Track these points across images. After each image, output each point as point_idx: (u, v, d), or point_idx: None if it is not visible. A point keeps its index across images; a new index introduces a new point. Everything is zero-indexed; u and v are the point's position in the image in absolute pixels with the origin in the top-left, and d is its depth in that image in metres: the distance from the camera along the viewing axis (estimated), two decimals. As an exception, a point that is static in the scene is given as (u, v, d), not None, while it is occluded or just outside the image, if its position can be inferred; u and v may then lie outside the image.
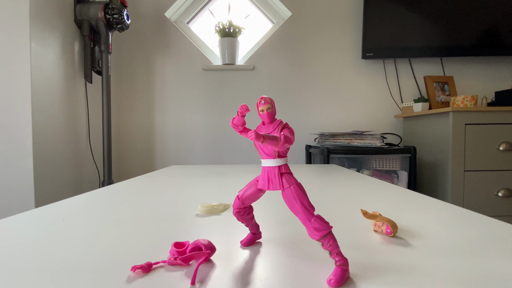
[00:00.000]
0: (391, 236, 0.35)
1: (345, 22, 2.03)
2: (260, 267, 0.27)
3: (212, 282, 0.24)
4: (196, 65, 2.05)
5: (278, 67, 2.05)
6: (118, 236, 0.36)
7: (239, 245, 0.32)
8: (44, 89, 1.39)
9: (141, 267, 0.25)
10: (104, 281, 0.24)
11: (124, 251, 0.31)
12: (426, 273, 0.25)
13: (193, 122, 2.07)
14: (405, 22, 1.88)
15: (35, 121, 1.32)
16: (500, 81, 2.00)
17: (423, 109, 1.75)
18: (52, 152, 1.43)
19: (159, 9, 2.03)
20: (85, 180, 1.71)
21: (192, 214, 0.46)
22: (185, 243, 0.30)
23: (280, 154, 0.26)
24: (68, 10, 1.57)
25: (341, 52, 2.04)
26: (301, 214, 0.24)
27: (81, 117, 1.68)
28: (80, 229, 0.38)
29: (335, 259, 0.24)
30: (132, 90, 2.07)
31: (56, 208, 0.50)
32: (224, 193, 0.63)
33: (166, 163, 2.07)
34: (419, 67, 2.02)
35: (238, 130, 0.28)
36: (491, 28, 1.85)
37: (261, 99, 0.26)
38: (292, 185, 0.25)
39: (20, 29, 1.28)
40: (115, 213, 0.46)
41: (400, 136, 2.00)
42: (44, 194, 1.38)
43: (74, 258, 0.29)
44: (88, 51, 1.66)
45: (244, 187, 0.29)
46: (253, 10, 2.16)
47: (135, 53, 2.05)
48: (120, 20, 1.62)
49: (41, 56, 1.36)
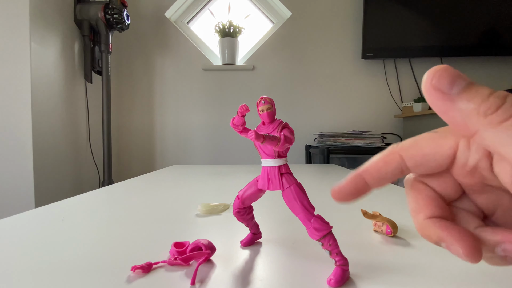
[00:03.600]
0: (391, 236, 0.35)
1: (345, 22, 2.03)
2: (260, 267, 0.27)
3: (212, 282, 0.24)
4: (196, 65, 2.05)
5: (278, 67, 2.05)
6: (118, 236, 0.36)
7: (239, 245, 0.32)
8: (44, 89, 1.39)
9: (141, 267, 0.25)
10: (104, 281, 0.24)
11: (124, 251, 0.31)
12: (426, 273, 0.25)
13: (193, 122, 2.07)
14: (405, 22, 1.88)
15: (35, 121, 1.32)
16: (500, 81, 2.00)
17: (423, 109, 1.75)
18: (52, 152, 1.43)
19: (159, 9, 2.03)
20: (85, 180, 1.71)
21: (192, 214, 0.46)
22: (185, 243, 0.30)
23: (280, 154, 0.26)
24: (68, 10, 1.57)
25: (341, 52, 2.04)
26: (301, 214, 0.24)
27: (81, 117, 1.68)
28: (80, 229, 0.38)
29: (335, 259, 0.24)
30: (132, 90, 2.07)
31: (56, 208, 0.50)
32: (224, 193, 0.63)
33: (166, 163, 2.07)
34: (419, 67, 2.02)
35: (238, 130, 0.28)
36: (491, 28, 1.85)
37: (261, 99, 0.26)
38: (292, 185, 0.25)
39: (20, 29, 1.28)
40: (115, 213, 0.46)
41: (400, 136, 2.00)
42: (44, 194, 1.38)
43: (74, 258, 0.29)
44: (88, 51, 1.66)
45: (244, 187, 0.29)
46: (253, 10, 2.16)
47: (135, 53, 2.05)
48: (120, 20, 1.62)
49: (41, 56, 1.36)
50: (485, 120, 0.13)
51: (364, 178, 0.17)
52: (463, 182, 0.17)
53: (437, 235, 0.15)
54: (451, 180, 0.17)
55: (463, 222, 0.17)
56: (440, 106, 0.14)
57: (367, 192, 0.17)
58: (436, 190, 0.17)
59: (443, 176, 0.17)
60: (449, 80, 0.14)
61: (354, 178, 0.17)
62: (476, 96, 0.13)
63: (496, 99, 0.13)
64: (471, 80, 0.14)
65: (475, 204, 0.17)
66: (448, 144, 0.15)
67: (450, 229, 0.15)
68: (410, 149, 0.16)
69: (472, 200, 0.17)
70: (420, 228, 0.16)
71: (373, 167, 0.17)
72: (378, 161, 0.17)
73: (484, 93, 0.13)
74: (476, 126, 0.13)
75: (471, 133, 0.14)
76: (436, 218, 0.16)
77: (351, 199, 0.17)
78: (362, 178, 0.17)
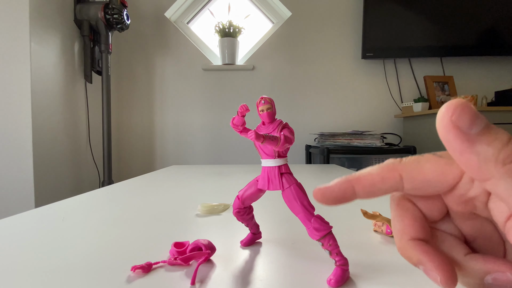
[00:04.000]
0: (391, 236, 0.35)
1: (345, 22, 2.03)
2: (260, 267, 0.27)
3: (212, 282, 0.24)
4: (196, 65, 2.05)
5: (278, 67, 2.05)
6: (118, 236, 0.36)
7: (239, 245, 0.32)
8: (44, 89, 1.38)
9: (141, 267, 0.25)
10: (104, 281, 0.24)
11: (124, 251, 0.31)
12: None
13: (193, 122, 2.07)
14: (405, 22, 1.88)
15: (35, 121, 1.32)
16: (500, 81, 2.00)
17: (423, 109, 1.75)
18: (52, 152, 1.43)
19: (159, 9, 2.03)
20: (85, 180, 1.71)
21: (192, 214, 0.46)
22: (185, 243, 0.30)
23: (280, 154, 0.26)
24: (68, 10, 1.57)
25: (341, 52, 2.04)
26: (301, 214, 0.24)
27: (81, 117, 1.68)
28: (80, 229, 0.38)
29: (335, 259, 0.24)
30: (132, 90, 2.07)
31: (56, 208, 0.50)
32: (224, 193, 0.63)
33: (166, 163, 2.07)
34: (419, 67, 2.02)
35: (238, 130, 0.28)
36: (491, 28, 1.85)
37: (261, 99, 0.26)
38: (292, 185, 0.25)
39: (20, 29, 1.28)
40: (115, 213, 0.46)
41: (400, 136, 2.00)
42: (44, 194, 1.38)
43: (74, 258, 0.29)
44: (88, 51, 1.66)
45: (244, 187, 0.29)
46: (253, 10, 2.16)
47: (135, 53, 2.05)
48: (120, 20, 1.62)
49: (41, 56, 1.36)
50: (502, 169, 0.12)
51: (354, 187, 0.16)
52: (453, 208, 0.16)
53: (418, 258, 0.15)
54: (440, 203, 0.17)
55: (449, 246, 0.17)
56: (457, 146, 0.13)
57: (350, 201, 0.16)
58: (422, 211, 0.17)
59: (433, 199, 0.17)
60: (470, 119, 0.13)
61: (343, 184, 0.16)
62: (496, 141, 0.12)
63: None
64: (487, 121, 0.13)
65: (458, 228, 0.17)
66: (453, 173, 0.15)
67: (431, 255, 0.15)
68: (412, 172, 0.16)
69: (456, 225, 0.17)
70: (401, 248, 0.16)
71: (367, 180, 0.16)
72: (375, 175, 0.16)
73: (503, 139, 0.13)
74: (492, 173, 0.12)
75: (485, 178, 0.13)
76: (418, 241, 0.16)
77: (332, 203, 0.17)
78: (352, 186, 0.16)
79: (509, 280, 0.14)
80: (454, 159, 0.14)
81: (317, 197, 0.17)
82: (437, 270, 0.15)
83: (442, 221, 0.17)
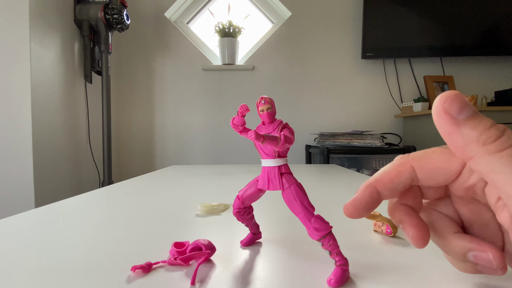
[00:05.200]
0: (391, 236, 0.35)
1: (345, 22, 2.03)
2: (260, 267, 0.27)
3: (212, 282, 0.24)
4: (196, 65, 2.05)
5: (278, 67, 2.05)
6: (118, 236, 0.35)
7: (239, 245, 0.32)
8: (44, 89, 1.38)
9: (141, 267, 0.25)
10: (104, 281, 0.24)
11: (124, 251, 0.31)
12: (426, 273, 0.25)
13: (193, 122, 2.07)
14: (405, 22, 1.88)
15: (35, 121, 1.32)
16: (500, 81, 2.00)
17: (423, 109, 1.75)
18: (52, 152, 1.43)
19: (159, 9, 2.03)
20: (85, 180, 1.71)
21: (192, 214, 0.46)
22: (185, 243, 0.30)
23: (280, 154, 0.26)
24: (68, 10, 1.57)
25: (341, 52, 2.04)
26: (301, 214, 0.24)
27: (81, 117, 1.68)
28: (80, 229, 0.38)
29: (335, 259, 0.24)
30: (132, 90, 2.07)
31: (56, 208, 0.50)
32: (224, 193, 0.63)
33: (166, 163, 2.07)
34: (419, 67, 2.02)
35: (238, 130, 0.28)
36: (491, 28, 1.85)
37: (261, 99, 0.26)
38: (292, 185, 0.25)
39: (20, 29, 1.28)
40: (115, 213, 0.46)
41: (400, 136, 2.00)
42: (44, 194, 1.38)
43: (74, 258, 0.29)
44: (88, 51, 1.66)
45: (244, 187, 0.29)
46: (253, 10, 2.16)
47: (135, 53, 2.05)
48: (120, 20, 1.62)
49: (41, 56, 1.36)
50: (483, 148, 0.14)
51: (377, 188, 0.17)
52: (456, 193, 0.18)
53: (400, 218, 0.18)
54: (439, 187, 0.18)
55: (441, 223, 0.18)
56: (446, 128, 0.15)
57: (378, 204, 0.17)
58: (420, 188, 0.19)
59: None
60: (459, 106, 0.15)
61: (366, 190, 0.17)
62: (480, 125, 0.14)
63: (496, 131, 0.14)
64: (476, 110, 0.15)
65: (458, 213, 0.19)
66: (458, 161, 0.17)
67: (412, 217, 0.17)
68: (421, 161, 0.17)
69: (456, 209, 0.19)
70: (390, 208, 0.19)
71: (385, 177, 0.17)
72: (391, 171, 0.17)
73: (486, 124, 0.14)
74: (474, 152, 0.14)
75: (468, 157, 0.15)
76: (407, 206, 0.18)
77: (366, 212, 0.17)
78: (374, 187, 0.17)
79: (488, 259, 0.16)
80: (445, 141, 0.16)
81: (349, 212, 0.18)
82: (411, 227, 0.17)
83: (441, 204, 0.19)
